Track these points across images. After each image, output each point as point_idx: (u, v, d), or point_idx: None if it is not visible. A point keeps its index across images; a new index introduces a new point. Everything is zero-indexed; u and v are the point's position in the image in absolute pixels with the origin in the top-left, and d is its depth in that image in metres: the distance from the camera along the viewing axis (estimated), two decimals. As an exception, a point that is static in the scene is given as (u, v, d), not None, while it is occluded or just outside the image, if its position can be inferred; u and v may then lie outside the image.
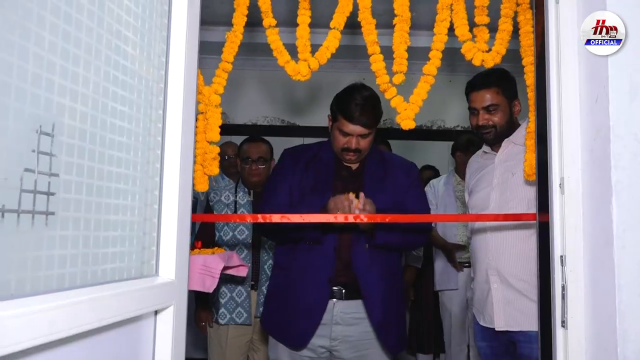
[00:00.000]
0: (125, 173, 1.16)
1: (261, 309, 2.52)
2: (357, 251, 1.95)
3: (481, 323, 2.03)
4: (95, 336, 1.04)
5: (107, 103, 1.09)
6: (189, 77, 1.32)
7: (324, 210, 1.89)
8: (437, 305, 3.62)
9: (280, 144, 5.10)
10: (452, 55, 1.87)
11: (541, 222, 1.56)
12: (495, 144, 2.06)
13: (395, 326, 2.01)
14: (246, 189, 2.80)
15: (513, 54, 1.69)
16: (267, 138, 5.17)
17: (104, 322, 1.02)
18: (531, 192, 1.79)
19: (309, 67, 1.64)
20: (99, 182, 1.07)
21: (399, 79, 1.65)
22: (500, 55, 1.66)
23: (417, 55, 1.78)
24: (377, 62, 1.64)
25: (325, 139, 2.17)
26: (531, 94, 1.65)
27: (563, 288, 1.38)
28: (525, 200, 1.86)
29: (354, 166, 2.12)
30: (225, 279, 2.58)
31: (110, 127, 1.11)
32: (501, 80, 2.00)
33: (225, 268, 1.84)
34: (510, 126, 2.02)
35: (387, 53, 1.63)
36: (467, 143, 3.48)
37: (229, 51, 1.63)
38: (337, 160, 2.10)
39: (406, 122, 1.65)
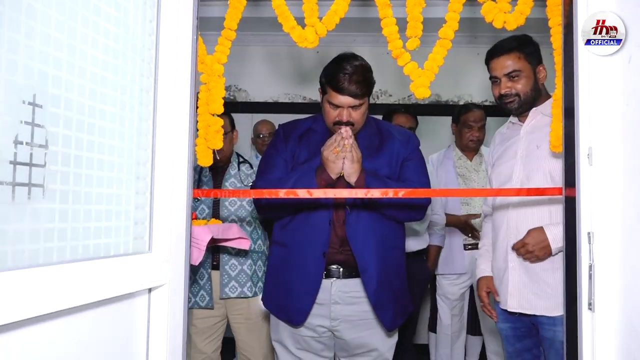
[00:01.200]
0: (116, 145, 1.10)
1: (226, 290, 2.50)
2: (352, 226, 1.88)
3: (500, 306, 1.93)
4: (84, 312, 0.99)
5: (94, 71, 1.02)
6: (182, 41, 1.24)
7: (320, 168, 1.83)
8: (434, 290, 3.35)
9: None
10: (476, 25, 1.75)
11: (567, 197, 1.44)
12: (521, 114, 1.92)
13: (392, 302, 1.92)
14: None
15: (536, 22, 1.55)
16: (287, 115, 5.10)
17: (92, 299, 0.97)
18: (557, 165, 1.66)
19: (316, 33, 1.54)
20: (87, 154, 1.01)
21: (413, 44, 1.53)
22: (524, 16, 1.52)
23: (433, 26, 1.65)
24: (389, 26, 1.53)
25: (319, 114, 2.06)
26: (558, 58, 1.52)
27: (590, 267, 1.27)
28: (549, 174, 1.73)
29: None
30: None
31: (100, 96, 1.05)
32: (523, 44, 1.85)
33: (224, 240, 1.78)
34: (536, 94, 1.87)
35: (402, 24, 1.51)
36: (457, 114, 3.27)
37: (232, 17, 1.55)
38: (331, 132, 1.98)
39: (420, 91, 1.54)
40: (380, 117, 2.53)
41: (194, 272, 2.50)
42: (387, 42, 1.54)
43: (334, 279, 1.91)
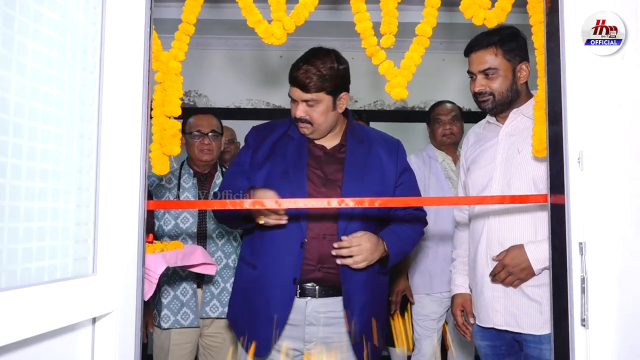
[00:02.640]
0: (50, 149, 0.93)
1: (207, 309, 2.31)
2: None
3: (476, 322, 1.80)
4: (13, 352, 0.82)
5: (22, 62, 0.86)
6: (133, 33, 1.09)
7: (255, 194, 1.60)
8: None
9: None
10: (451, 31, 1.65)
11: (554, 205, 1.35)
12: (498, 114, 1.80)
13: (375, 329, 1.77)
14: (192, 171, 2.43)
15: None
16: (252, 122, 4.91)
17: (18, 337, 0.80)
18: (540, 171, 1.57)
19: (284, 29, 1.41)
20: (14, 161, 0.85)
21: (388, 41, 1.42)
22: (505, 13, 1.43)
23: (409, 32, 1.53)
24: (362, 22, 1.41)
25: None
26: (540, 57, 1.43)
27: (583, 280, 1.18)
28: (532, 181, 1.62)
29: (328, 146, 1.85)
30: (166, 274, 2.25)
31: (31, 92, 0.88)
32: (504, 40, 1.73)
33: (187, 266, 1.60)
34: (514, 95, 1.75)
35: (376, 28, 1.40)
36: (428, 113, 3.02)
37: (190, 10, 1.40)
38: (310, 141, 1.84)
39: (397, 91, 1.42)
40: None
41: (174, 289, 2.29)
42: (361, 39, 1.42)
43: (309, 298, 1.73)
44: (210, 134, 2.42)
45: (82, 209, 1.00)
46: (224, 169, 2.51)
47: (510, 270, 1.62)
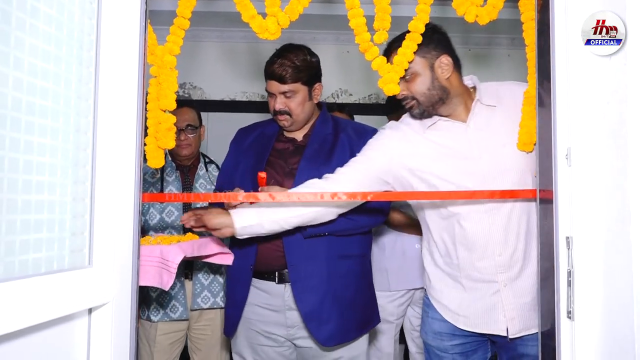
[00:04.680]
0: (47, 143, 0.95)
1: (198, 300, 2.31)
2: (290, 241, 1.77)
3: (460, 326, 1.66)
4: (12, 341, 0.84)
5: (19, 57, 0.87)
6: (129, 27, 1.10)
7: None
8: None
9: (261, 120, 4.90)
10: (443, 26, 1.65)
11: (542, 200, 1.38)
12: (429, 117, 1.64)
13: (336, 315, 1.77)
14: (174, 164, 2.38)
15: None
16: (244, 114, 4.86)
17: (17, 326, 0.82)
18: (525, 165, 1.56)
19: (278, 24, 1.42)
20: (11, 154, 0.86)
21: (381, 37, 1.44)
22: (497, 10, 1.45)
23: (402, 25, 1.53)
24: (356, 18, 1.42)
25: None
26: (531, 54, 1.46)
27: (569, 274, 1.20)
28: (522, 173, 1.55)
29: (299, 137, 1.92)
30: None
31: (27, 86, 0.89)
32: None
33: (202, 257, 1.61)
34: (442, 91, 1.59)
35: (369, 23, 1.42)
36: (396, 105, 2.41)
37: (186, 5, 1.41)
38: (280, 133, 1.94)
39: (390, 87, 1.45)
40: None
41: None
42: (355, 34, 1.44)
43: (288, 283, 1.79)
44: (187, 128, 2.36)
45: (78, 201, 1.01)
46: (207, 159, 2.49)
47: None
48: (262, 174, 1.66)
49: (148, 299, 2.29)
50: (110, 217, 1.05)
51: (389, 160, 1.65)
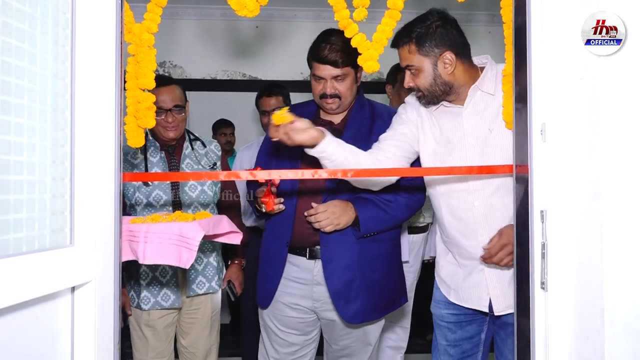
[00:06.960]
0: (27, 124, 0.94)
1: (193, 286, 2.21)
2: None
3: (451, 299, 1.77)
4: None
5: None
6: (104, 4, 1.09)
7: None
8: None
9: (242, 99, 4.85)
10: (423, 3, 1.65)
11: (519, 175, 1.41)
12: (436, 104, 1.71)
13: (364, 295, 1.84)
14: (157, 144, 2.20)
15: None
16: (228, 93, 4.79)
17: (4, 304, 0.83)
18: (508, 153, 1.58)
19: (257, 1, 1.41)
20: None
21: (360, 14, 1.44)
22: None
23: (381, 3, 1.53)
24: (335, -6, 1.42)
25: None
26: (508, 32, 1.47)
27: (543, 246, 1.24)
28: (501, 161, 1.58)
29: (337, 120, 1.94)
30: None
31: (2, 66, 0.89)
32: (420, 36, 1.63)
33: (214, 236, 1.60)
34: (445, 86, 1.65)
35: (349, 0, 1.41)
36: (393, 72, 2.79)
37: (163, -19, 1.39)
38: (317, 117, 1.95)
39: (369, 64, 1.45)
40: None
41: (152, 270, 2.15)
42: (334, 12, 1.44)
43: (318, 259, 1.86)
44: (174, 109, 2.14)
45: (58, 181, 1.01)
46: (191, 136, 2.31)
47: (510, 249, 1.55)
48: None
49: (138, 287, 2.19)
50: (91, 196, 1.06)
51: (415, 131, 1.77)
